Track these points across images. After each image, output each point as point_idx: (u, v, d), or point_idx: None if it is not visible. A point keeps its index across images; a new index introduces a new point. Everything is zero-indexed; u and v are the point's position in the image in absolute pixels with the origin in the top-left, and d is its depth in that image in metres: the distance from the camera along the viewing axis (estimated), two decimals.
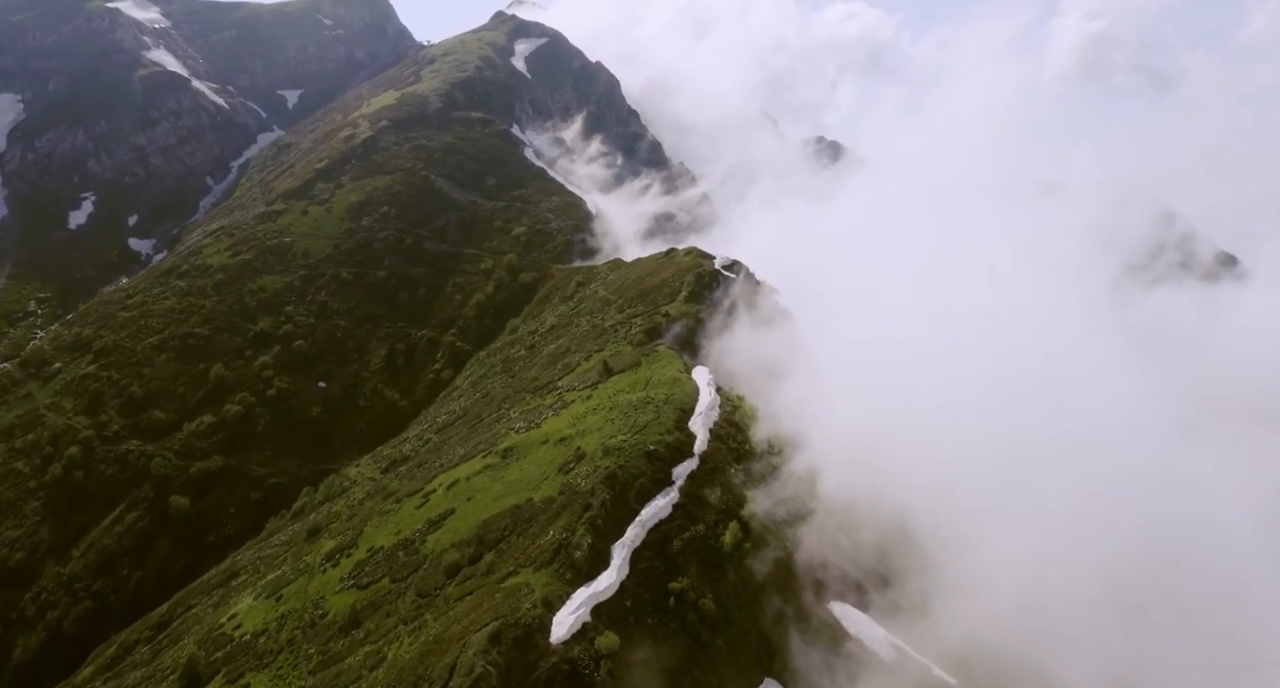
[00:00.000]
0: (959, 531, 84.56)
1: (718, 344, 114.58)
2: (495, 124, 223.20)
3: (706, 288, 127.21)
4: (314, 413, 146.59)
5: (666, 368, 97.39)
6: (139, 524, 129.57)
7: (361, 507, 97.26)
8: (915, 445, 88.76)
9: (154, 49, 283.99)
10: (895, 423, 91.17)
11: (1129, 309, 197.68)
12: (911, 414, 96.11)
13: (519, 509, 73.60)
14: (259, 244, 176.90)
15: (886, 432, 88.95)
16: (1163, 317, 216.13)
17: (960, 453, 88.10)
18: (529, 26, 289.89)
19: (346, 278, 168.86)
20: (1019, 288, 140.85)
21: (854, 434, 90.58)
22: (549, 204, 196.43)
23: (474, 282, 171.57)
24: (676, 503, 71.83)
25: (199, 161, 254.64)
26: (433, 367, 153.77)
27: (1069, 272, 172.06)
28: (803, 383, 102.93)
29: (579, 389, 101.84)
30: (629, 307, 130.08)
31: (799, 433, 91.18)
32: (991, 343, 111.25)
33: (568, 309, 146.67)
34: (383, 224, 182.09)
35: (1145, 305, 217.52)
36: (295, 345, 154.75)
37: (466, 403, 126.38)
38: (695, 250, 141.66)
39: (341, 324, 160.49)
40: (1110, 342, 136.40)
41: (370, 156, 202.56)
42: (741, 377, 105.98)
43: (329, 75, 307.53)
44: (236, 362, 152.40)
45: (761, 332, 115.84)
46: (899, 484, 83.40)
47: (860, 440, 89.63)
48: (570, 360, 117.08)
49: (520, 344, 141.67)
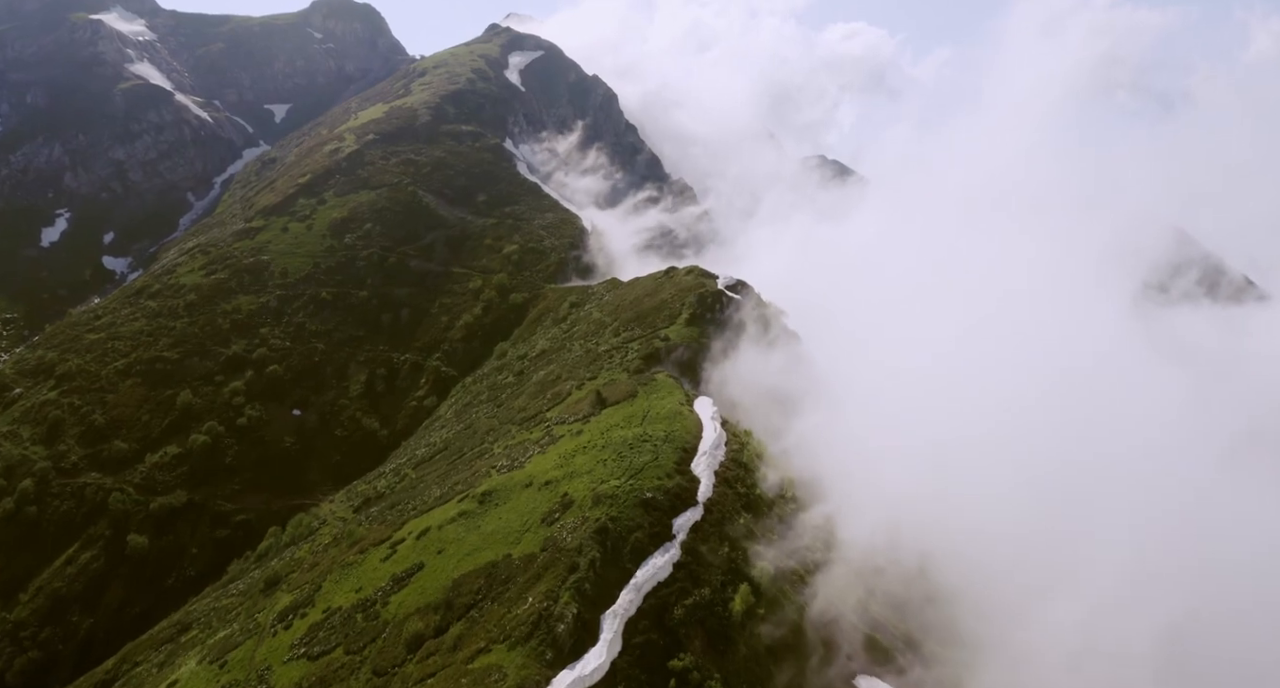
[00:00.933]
0: (996, 586, 74.76)
1: (722, 372, 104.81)
2: (487, 138, 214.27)
3: (709, 310, 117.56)
4: (287, 443, 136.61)
5: (666, 399, 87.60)
6: (93, 565, 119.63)
7: (325, 554, 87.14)
8: (945, 485, 78.95)
9: (137, 62, 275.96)
10: (922, 460, 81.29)
11: (1152, 332, 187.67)
12: (940, 450, 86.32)
13: (495, 568, 63.59)
14: (235, 263, 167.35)
15: (912, 470, 79.07)
16: (1185, 339, 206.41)
17: (993, 492, 78.29)
18: (523, 39, 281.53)
19: (326, 298, 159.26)
20: (1044, 309, 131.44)
21: (876, 473, 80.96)
22: (542, 221, 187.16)
23: (461, 302, 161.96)
24: (678, 562, 61.85)
25: (180, 177, 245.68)
26: (415, 393, 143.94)
27: (1091, 292, 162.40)
28: (817, 416, 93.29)
29: (569, 422, 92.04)
30: (625, 330, 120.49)
31: (814, 473, 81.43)
32: (1022, 369, 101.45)
33: (560, 332, 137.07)
34: (366, 241, 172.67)
35: (1167, 327, 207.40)
36: (269, 370, 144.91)
37: (449, 435, 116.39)
38: (697, 269, 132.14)
39: (319, 348, 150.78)
40: (1150, 366, 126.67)
41: (355, 171, 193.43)
42: (749, 408, 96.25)
43: (318, 89, 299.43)
44: (206, 388, 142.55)
45: (770, 358, 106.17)
46: (928, 531, 73.41)
47: (883, 480, 79.96)
48: (561, 389, 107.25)
49: (508, 370, 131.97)
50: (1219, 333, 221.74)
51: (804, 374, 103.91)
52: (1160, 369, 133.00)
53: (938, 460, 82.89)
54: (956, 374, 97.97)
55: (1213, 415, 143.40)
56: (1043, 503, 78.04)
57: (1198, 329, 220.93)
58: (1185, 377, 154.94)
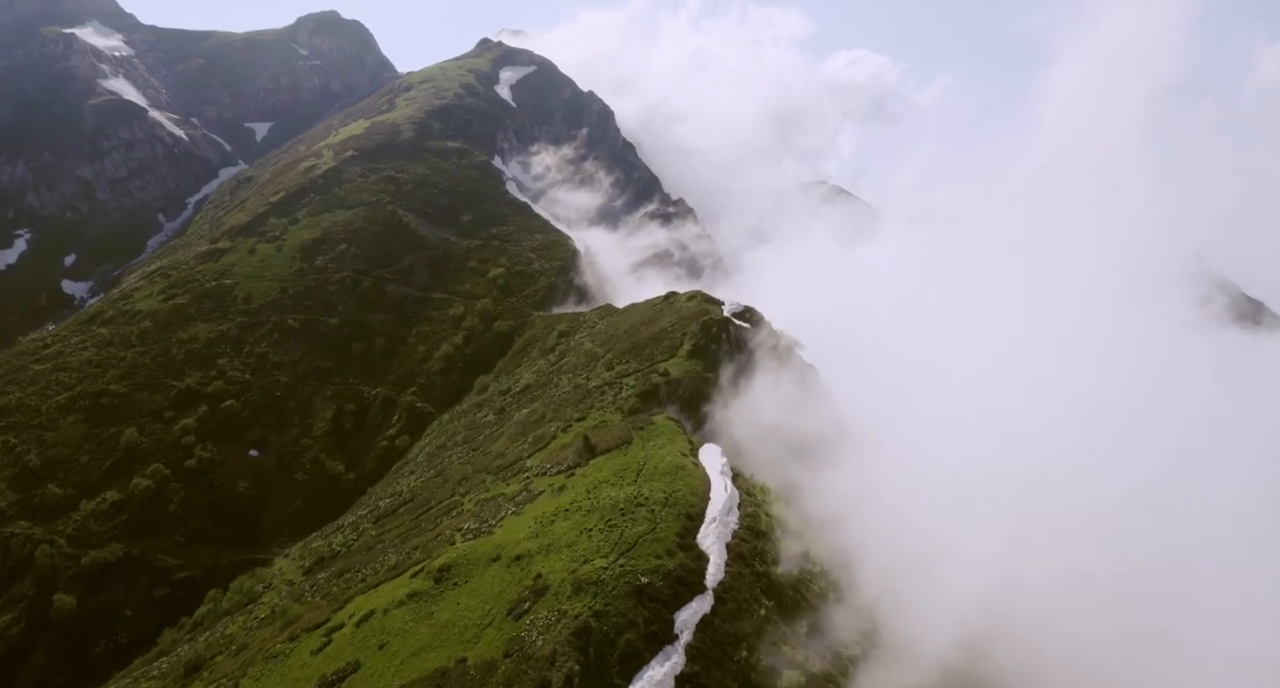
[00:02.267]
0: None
1: (730, 412, 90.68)
2: (474, 155, 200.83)
3: (714, 340, 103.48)
4: (240, 488, 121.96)
5: (666, 448, 73.29)
6: (13, 630, 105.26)
7: (256, 634, 72.51)
8: (1007, 562, 64.19)
9: (112, 77, 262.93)
10: (984, 527, 66.57)
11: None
12: (999, 514, 71.69)
13: (444, 678, 49.08)
14: (196, 287, 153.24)
15: (976, 543, 64.29)
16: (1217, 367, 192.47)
17: (1066, 581, 63.35)
18: (516, 54, 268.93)
19: (292, 326, 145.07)
20: (1097, 339, 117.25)
21: (921, 537, 66.52)
22: (531, 242, 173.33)
23: (441, 331, 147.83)
24: (683, 673, 47.36)
25: (150, 197, 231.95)
26: (386, 432, 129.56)
27: (1135, 320, 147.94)
28: (846, 468, 78.90)
29: (551, 474, 77.75)
30: (619, 363, 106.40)
31: (849, 542, 66.84)
32: (1100, 415, 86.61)
33: (547, 364, 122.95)
34: (339, 264, 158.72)
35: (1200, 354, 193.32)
36: (225, 406, 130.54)
37: (417, 483, 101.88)
38: (700, 295, 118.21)
39: (282, 381, 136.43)
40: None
41: (331, 189, 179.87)
42: (763, 457, 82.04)
43: (302, 107, 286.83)
44: (154, 425, 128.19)
45: (786, 396, 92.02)
46: (1002, 623, 58.54)
47: (930, 546, 65.52)
48: (544, 432, 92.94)
49: (489, 407, 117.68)
50: (1248, 357, 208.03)
51: (827, 415, 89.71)
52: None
53: (1003, 531, 68.09)
54: (1014, 418, 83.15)
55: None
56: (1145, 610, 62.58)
57: (1233, 355, 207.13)
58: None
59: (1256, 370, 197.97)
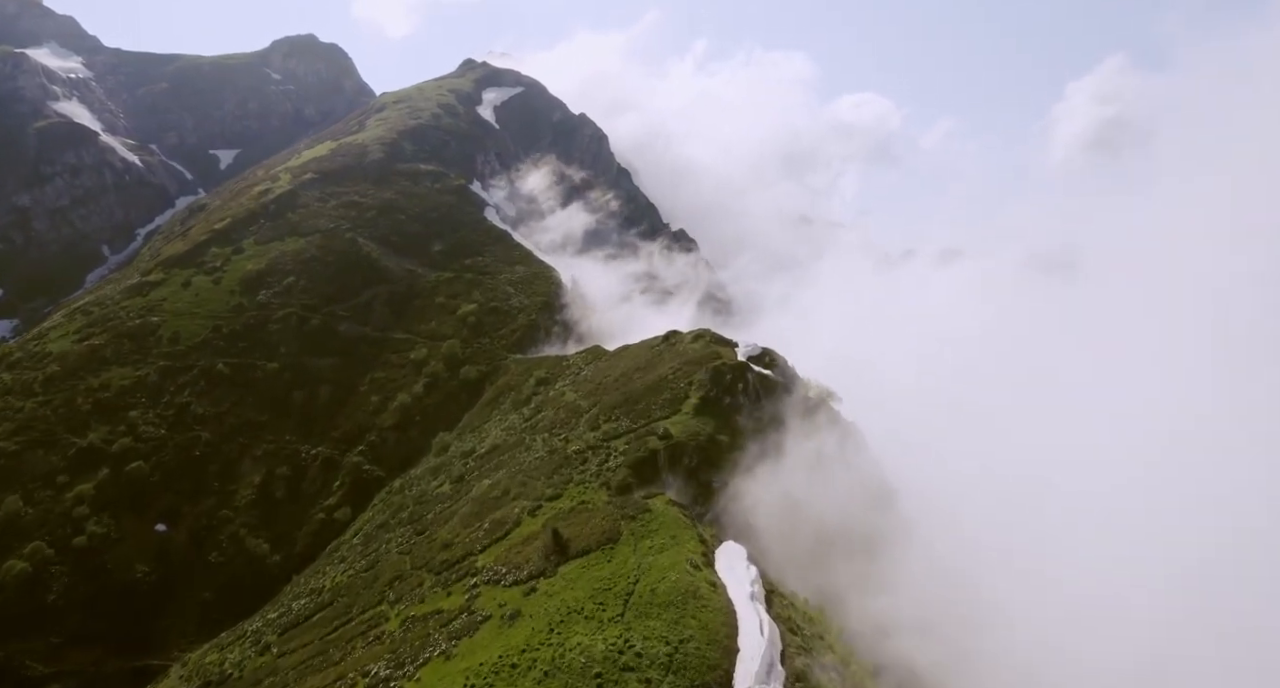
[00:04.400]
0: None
1: (752, 488, 68.04)
2: (450, 178, 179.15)
3: (728, 391, 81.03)
4: (139, 574, 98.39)
5: (668, 555, 50.68)
6: None
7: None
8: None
9: (64, 100, 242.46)
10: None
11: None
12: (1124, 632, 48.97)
13: None
14: (117, 325, 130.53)
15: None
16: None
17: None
18: (501, 75, 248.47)
19: (222, 372, 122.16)
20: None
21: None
22: (511, 275, 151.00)
23: (399, 377, 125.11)
24: None
25: (95, 227, 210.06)
26: (325, 502, 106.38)
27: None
28: (913, 572, 56.18)
29: (506, 585, 55.19)
30: (608, 419, 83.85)
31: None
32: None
33: (520, 420, 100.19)
34: (285, 299, 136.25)
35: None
36: (131, 468, 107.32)
37: (343, 578, 78.76)
38: (708, 334, 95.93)
39: (204, 437, 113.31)
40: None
41: (284, 215, 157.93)
42: (798, 554, 59.37)
43: (272, 133, 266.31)
44: (43, 492, 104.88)
45: (825, 466, 69.39)
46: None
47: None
48: (507, 514, 70.16)
49: (446, 473, 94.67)
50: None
51: (877, 489, 66.98)
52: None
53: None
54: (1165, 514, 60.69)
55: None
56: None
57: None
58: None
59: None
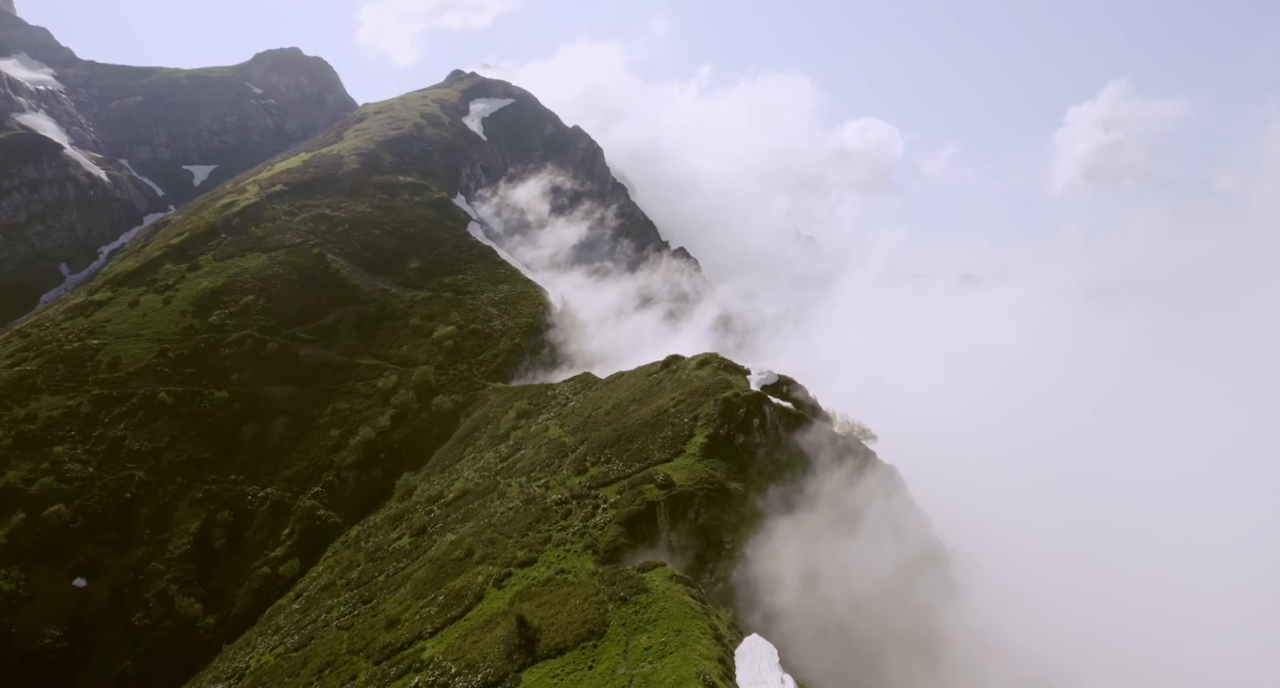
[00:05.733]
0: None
1: (775, 556, 53.96)
2: (431, 191, 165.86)
3: (742, 429, 67.12)
4: (47, 639, 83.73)
5: (673, 664, 36.70)
6: None
7: None
8: None
9: (29, 112, 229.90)
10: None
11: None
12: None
13: None
14: (53, 349, 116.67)
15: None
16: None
17: None
18: (490, 85, 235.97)
19: (165, 401, 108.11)
20: None
21: None
22: (494, 295, 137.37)
23: (364, 408, 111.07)
24: None
25: (53, 244, 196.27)
26: (271, 553, 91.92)
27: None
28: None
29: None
30: (596, 462, 69.96)
31: None
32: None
33: (496, 459, 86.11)
34: (241, 321, 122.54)
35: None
36: (49, 513, 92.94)
37: (270, 658, 64.41)
38: (715, 359, 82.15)
39: (138, 476, 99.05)
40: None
41: (247, 229, 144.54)
42: (835, 651, 45.27)
43: (250, 148, 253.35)
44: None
45: (866, 525, 55.36)
46: None
47: None
48: (468, 583, 56.10)
49: (407, 524, 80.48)
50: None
51: (936, 563, 52.91)
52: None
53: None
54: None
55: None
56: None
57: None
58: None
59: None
